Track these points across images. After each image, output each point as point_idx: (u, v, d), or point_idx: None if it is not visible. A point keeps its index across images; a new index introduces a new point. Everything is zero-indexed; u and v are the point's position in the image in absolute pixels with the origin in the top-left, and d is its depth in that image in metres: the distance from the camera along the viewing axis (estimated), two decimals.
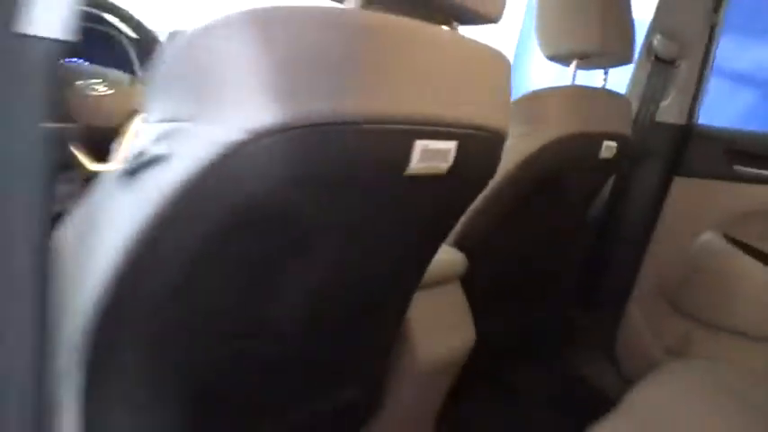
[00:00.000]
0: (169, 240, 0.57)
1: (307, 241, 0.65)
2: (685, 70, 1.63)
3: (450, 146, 0.65)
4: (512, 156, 1.19)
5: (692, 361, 1.54)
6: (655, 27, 1.62)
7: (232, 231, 0.58)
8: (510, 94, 0.79)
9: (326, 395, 0.94)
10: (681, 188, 1.68)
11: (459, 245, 1.26)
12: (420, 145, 0.61)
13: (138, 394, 0.69)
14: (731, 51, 1.97)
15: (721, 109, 1.89)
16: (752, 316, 1.56)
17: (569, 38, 1.25)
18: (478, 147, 0.72)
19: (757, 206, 1.56)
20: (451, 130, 0.65)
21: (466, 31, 0.75)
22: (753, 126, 1.70)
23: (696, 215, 1.65)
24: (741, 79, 2.48)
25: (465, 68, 0.69)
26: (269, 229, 0.60)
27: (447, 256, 1.21)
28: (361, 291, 0.82)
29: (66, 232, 0.63)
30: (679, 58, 1.61)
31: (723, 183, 1.61)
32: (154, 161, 0.55)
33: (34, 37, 0.41)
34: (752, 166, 1.57)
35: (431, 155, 0.63)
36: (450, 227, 0.92)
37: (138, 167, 0.56)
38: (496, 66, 0.74)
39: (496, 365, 1.73)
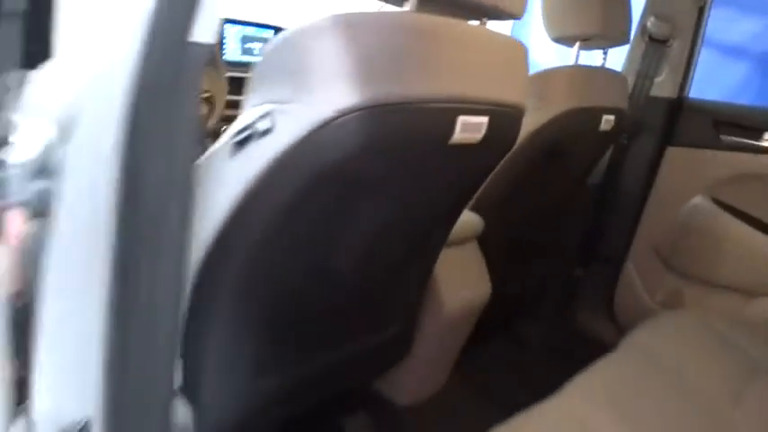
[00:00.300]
0: (267, 195, 0.73)
1: (371, 197, 0.81)
2: (677, 49, 1.73)
3: (484, 120, 0.81)
4: (522, 128, 1.33)
5: (683, 311, 1.68)
6: (648, 10, 1.73)
7: (315, 189, 0.74)
8: (527, 76, 0.95)
9: (375, 331, 1.11)
10: (673, 157, 1.79)
11: (477, 209, 1.40)
12: (461, 120, 0.77)
13: (227, 320, 0.86)
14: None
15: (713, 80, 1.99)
16: (737, 271, 1.69)
17: (573, 22, 1.37)
18: (504, 120, 0.87)
19: (742, 172, 1.67)
20: (484, 107, 0.81)
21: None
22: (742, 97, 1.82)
23: (687, 181, 1.76)
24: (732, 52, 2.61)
25: (493, 57, 0.85)
26: (344, 188, 0.77)
27: (466, 218, 1.36)
28: (406, 240, 0.99)
29: None
30: (671, 37, 1.71)
31: (711, 151, 1.71)
32: (258, 134, 0.71)
33: (198, 43, 0.56)
34: (737, 136, 1.67)
35: (469, 127, 0.79)
36: (476, 190, 1.08)
37: (245, 139, 0.72)
38: (517, 53, 0.90)
39: (509, 319, 1.89)
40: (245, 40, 1.86)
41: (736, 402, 1.09)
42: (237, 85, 1.57)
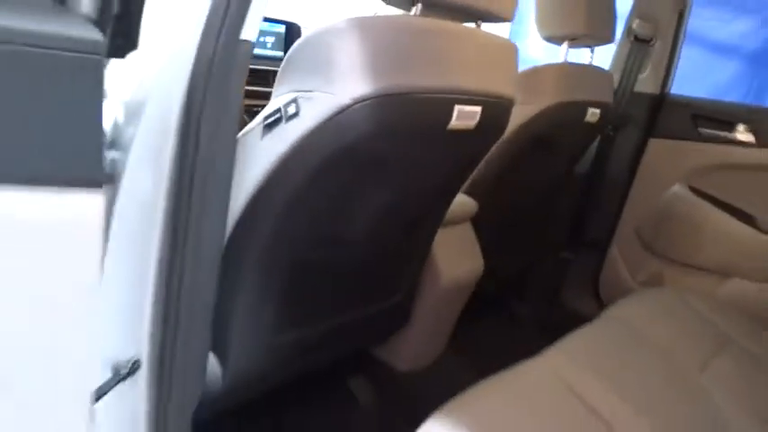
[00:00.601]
0: (291, 170, 0.86)
1: (380, 176, 0.95)
2: (659, 48, 1.85)
3: (477, 109, 0.94)
4: (514, 119, 1.42)
5: (660, 289, 1.78)
6: (634, 12, 1.85)
7: (333, 167, 0.87)
8: (516, 72, 1.08)
9: (379, 299, 1.24)
10: (655, 148, 1.90)
11: (471, 193, 1.52)
12: (458, 108, 0.90)
13: (252, 283, 0.99)
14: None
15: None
16: (712, 254, 1.80)
17: (561, 23, 1.50)
18: (495, 110, 1.01)
19: (717, 162, 1.79)
20: (478, 97, 0.94)
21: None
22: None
23: (667, 171, 1.87)
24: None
25: (486, 54, 0.98)
26: (357, 166, 0.89)
27: (461, 201, 1.48)
28: (408, 216, 1.12)
29: None
30: (654, 37, 1.83)
31: (690, 143, 1.83)
32: (286, 118, 0.84)
33: (246, 41, 0.68)
34: (713, 129, 1.79)
35: (464, 115, 0.92)
36: (470, 173, 1.20)
37: (274, 122, 0.85)
38: (508, 52, 1.03)
39: (501, 297, 2.01)
40: (259, 34, 1.99)
41: (703, 369, 1.20)
42: (251, 77, 1.70)
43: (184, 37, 0.66)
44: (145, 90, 0.70)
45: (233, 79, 0.68)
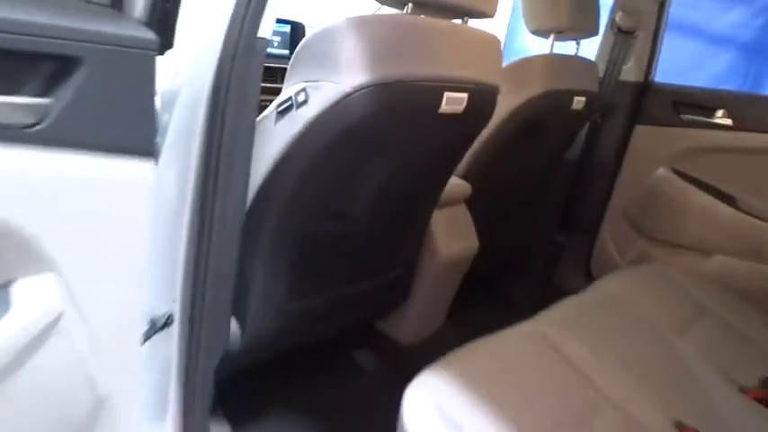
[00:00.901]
0: (302, 149, 0.99)
1: (379, 155, 1.07)
2: (642, 39, 1.95)
3: (464, 96, 1.07)
4: (504, 107, 1.55)
5: (645, 265, 1.87)
6: (617, 6, 1.96)
7: (338, 146, 1.00)
8: (501, 63, 1.20)
9: (382, 272, 1.37)
10: (640, 134, 2.00)
11: (465, 176, 1.64)
12: (447, 95, 1.03)
13: (268, 253, 1.11)
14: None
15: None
16: (696, 232, 1.91)
17: (545, 17, 1.62)
18: (481, 96, 1.13)
19: (698, 145, 1.89)
20: (464, 85, 1.07)
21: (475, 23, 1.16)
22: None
23: (652, 155, 1.98)
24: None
25: (472, 47, 1.10)
26: (359, 145, 1.02)
27: (456, 183, 1.60)
28: (404, 194, 1.25)
29: None
30: (637, 30, 1.93)
31: (672, 129, 1.93)
32: (297, 105, 0.97)
33: (262, 38, 0.81)
34: (693, 114, 1.90)
35: (453, 101, 1.05)
36: (461, 155, 1.33)
37: (286, 108, 0.98)
38: (492, 45, 1.15)
39: (496, 279, 2.13)
40: None
41: (680, 334, 1.31)
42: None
43: (211, 36, 0.79)
44: (178, 82, 0.82)
45: (252, 71, 0.80)
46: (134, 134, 0.64)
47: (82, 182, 0.62)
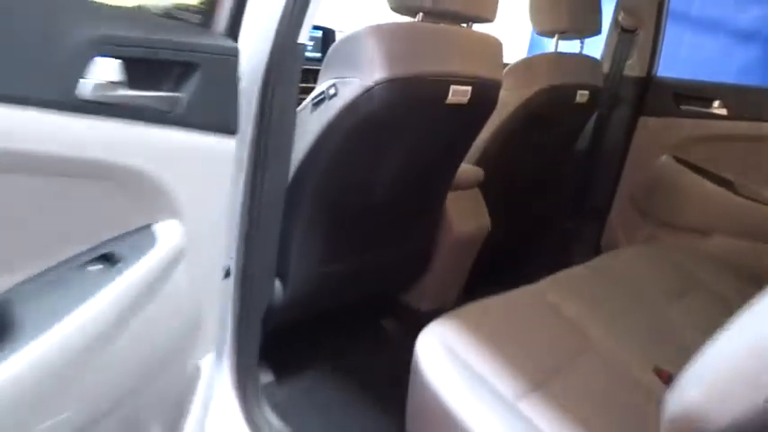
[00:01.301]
0: (334, 132, 1.20)
1: (396, 139, 1.28)
2: (643, 37, 2.10)
3: (468, 89, 1.27)
4: (513, 100, 1.74)
5: (646, 244, 2.04)
6: (619, 6, 2.11)
7: (362, 129, 1.20)
8: (501, 61, 1.39)
9: (405, 241, 1.57)
10: (644, 125, 2.15)
11: (478, 163, 1.82)
12: (453, 88, 1.23)
13: (306, 221, 1.31)
14: None
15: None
16: (697, 215, 2.03)
17: (549, 19, 1.79)
18: (483, 90, 1.32)
19: (697, 134, 2.03)
20: (468, 79, 1.26)
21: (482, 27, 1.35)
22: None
23: (655, 144, 2.11)
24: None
25: (475, 48, 1.30)
26: (379, 129, 1.23)
27: (470, 169, 1.78)
28: (421, 172, 1.45)
29: None
30: (638, 28, 2.08)
31: (673, 119, 2.07)
32: (329, 97, 1.18)
33: (302, 44, 1.01)
34: (692, 105, 2.04)
35: (458, 93, 1.25)
36: (469, 141, 1.51)
37: (319, 101, 1.19)
38: (493, 45, 1.35)
39: (509, 259, 2.29)
40: None
41: (670, 302, 1.44)
42: None
43: (261, 40, 0.98)
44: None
45: (293, 70, 1.01)
46: (226, 117, 0.90)
47: (196, 153, 0.87)
